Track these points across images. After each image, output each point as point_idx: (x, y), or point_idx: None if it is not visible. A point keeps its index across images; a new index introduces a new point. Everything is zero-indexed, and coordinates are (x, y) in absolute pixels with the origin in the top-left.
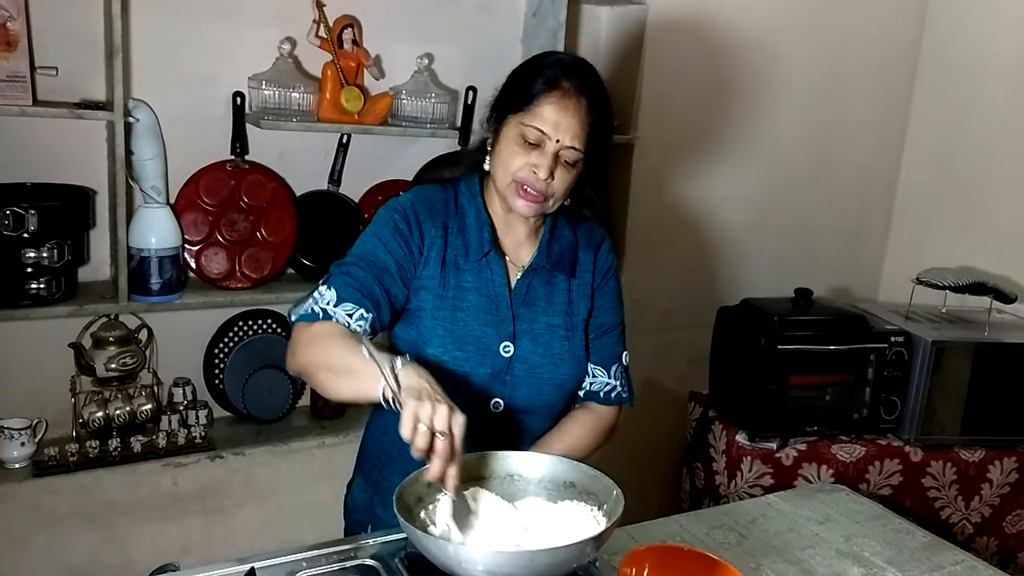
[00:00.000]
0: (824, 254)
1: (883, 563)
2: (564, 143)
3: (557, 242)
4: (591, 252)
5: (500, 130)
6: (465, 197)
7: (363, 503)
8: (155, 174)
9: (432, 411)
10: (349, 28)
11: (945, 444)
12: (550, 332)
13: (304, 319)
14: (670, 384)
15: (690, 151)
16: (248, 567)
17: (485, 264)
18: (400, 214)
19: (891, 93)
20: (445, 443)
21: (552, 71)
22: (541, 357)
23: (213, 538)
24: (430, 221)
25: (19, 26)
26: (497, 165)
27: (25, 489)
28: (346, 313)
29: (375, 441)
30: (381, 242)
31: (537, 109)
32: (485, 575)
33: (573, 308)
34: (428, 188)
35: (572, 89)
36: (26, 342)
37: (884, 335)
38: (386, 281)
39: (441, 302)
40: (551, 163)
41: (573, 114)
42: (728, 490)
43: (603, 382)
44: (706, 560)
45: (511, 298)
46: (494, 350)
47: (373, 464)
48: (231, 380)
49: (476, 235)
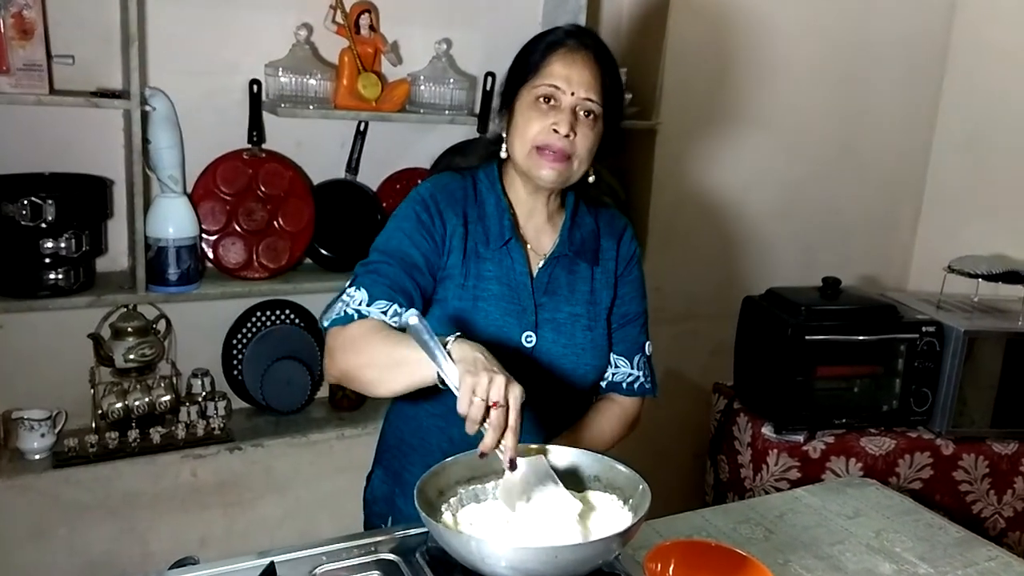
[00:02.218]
0: (852, 242)
1: (915, 559)
2: (579, 95)
3: (579, 229)
4: (614, 240)
5: (514, 108)
6: (484, 185)
7: (383, 494)
8: (172, 163)
9: (488, 382)
10: (366, 13)
11: (977, 437)
12: (572, 322)
13: (337, 323)
14: (693, 375)
15: (714, 137)
16: (268, 561)
17: (506, 252)
18: (421, 205)
19: (921, 77)
20: (500, 413)
21: (553, 35)
22: (564, 347)
23: (232, 530)
24: (450, 210)
25: (35, 14)
26: (515, 139)
27: (45, 480)
28: (380, 311)
29: (395, 431)
30: (406, 236)
31: (546, 69)
32: (508, 571)
33: (596, 297)
34: (446, 176)
35: (577, 45)
36: (45, 333)
37: (915, 325)
38: (415, 275)
39: (463, 291)
40: (571, 118)
41: (583, 65)
42: (753, 484)
43: (626, 372)
44: (733, 555)
45: (533, 287)
46: (516, 340)
47: (393, 455)
48: (249, 371)
49: (496, 223)
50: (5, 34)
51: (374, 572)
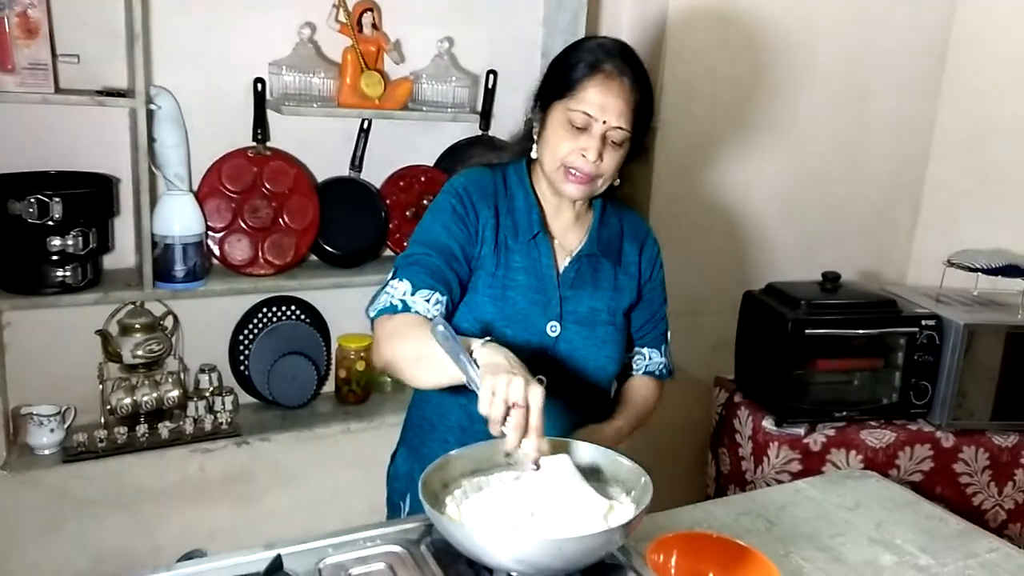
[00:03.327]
0: (851, 238)
1: (916, 550)
2: (611, 124)
3: (607, 229)
4: (636, 245)
5: (546, 117)
6: (513, 180)
7: (404, 471)
8: (178, 161)
9: (508, 383)
10: (369, 12)
11: (977, 429)
12: (594, 316)
13: (383, 312)
14: (695, 369)
15: (715, 136)
16: (275, 553)
17: (534, 245)
18: (456, 197)
19: (921, 75)
20: (519, 414)
21: (594, 55)
22: (585, 339)
23: (240, 524)
24: (483, 202)
25: (40, 13)
26: (545, 151)
27: (54, 475)
28: (424, 300)
29: (418, 410)
30: (443, 228)
31: (582, 93)
32: (512, 563)
33: (617, 295)
34: (478, 171)
35: (615, 70)
36: (53, 330)
37: (914, 319)
38: (454, 264)
39: (493, 280)
40: (599, 145)
41: (617, 94)
42: (755, 476)
43: (657, 361)
44: (734, 547)
45: (559, 280)
46: (541, 329)
47: (415, 433)
48: (256, 366)
49: (525, 217)
50: (10, 33)
51: (380, 564)
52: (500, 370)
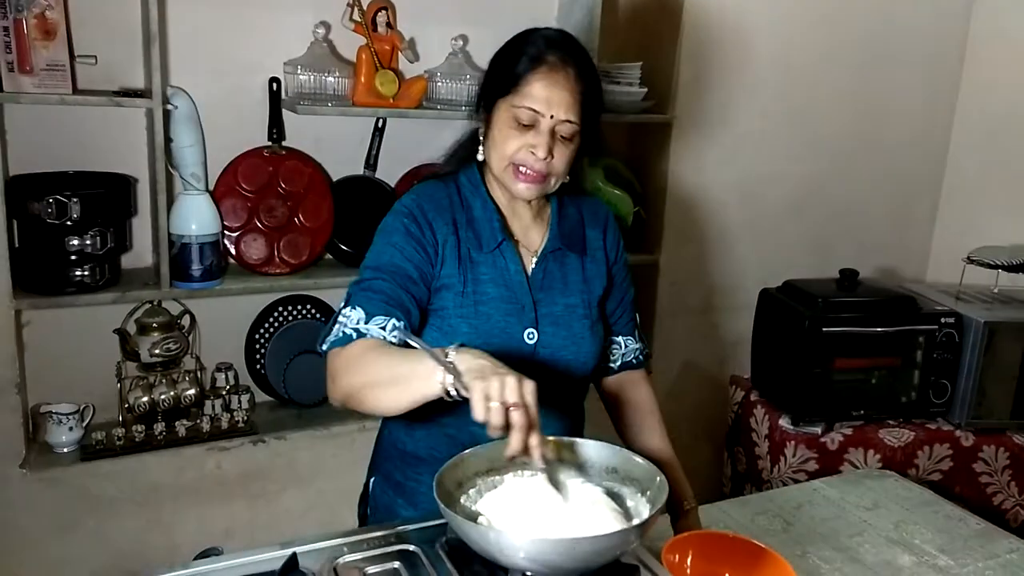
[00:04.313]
0: (870, 234)
1: (935, 551)
2: (559, 117)
3: (567, 221)
4: (599, 230)
5: (491, 117)
6: (468, 189)
7: (384, 504)
8: (194, 161)
9: (501, 385)
10: (383, 11)
11: (997, 428)
12: (569, 312)
13: (336, 344)
14: (710, 367)
15: (730, 130)
16: (290, 552)
17: (499, 253)
18: (408, 217)
19: (939, 68)
20: (521, 413)
21: (535, 47)
22: (564, 339)
23: (256, 522)
24: (440, 219)
25: (58, 15)
26: (492, 152)
27: (73, 473)
28: (379, 327)
29: (394, 441)
30: (396, 250)
31: (526, 88)
32: (527, 562)
33: (588, 286)
34: (429, 185)
35: (558, 61)
36: (72, 329)
37: (934, 316)
38: (410, 287)
39: (463, 299)
40: (548, 140)
41: (563, 86)
42: (771, 475)
43: (633, 348)
44: (751, 547)
45: (529, 284)
46: (518, 338)
47: (395, 465)
48: (272, 365)
49: (486, 226)
50: (28, 35)
51: (394, 563)
52: (487, 372)
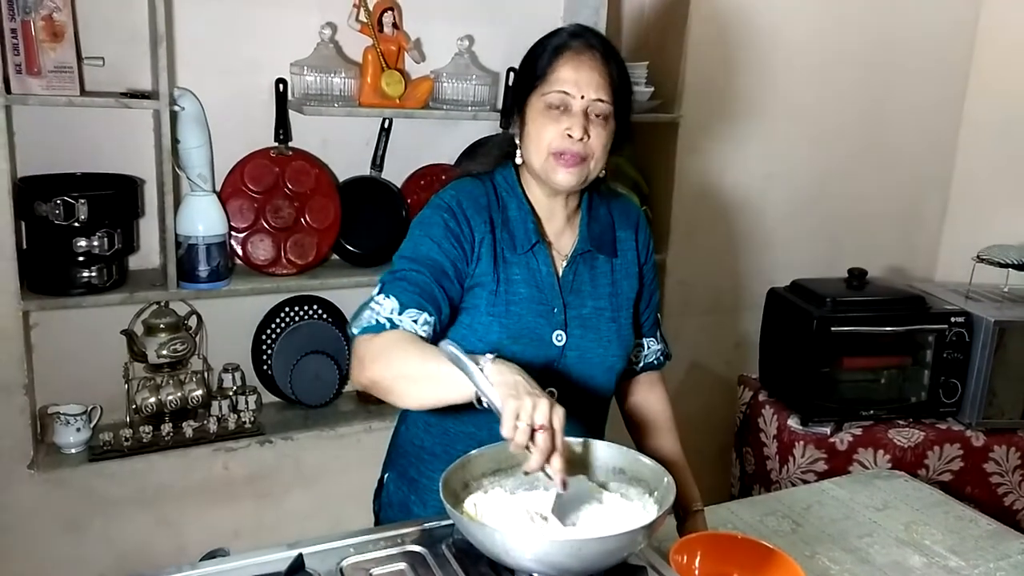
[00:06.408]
0: (878, 233)
1: (945, 551)
2: (589, 97)
3: (596, 223)
4: (631, 231)
5: (524, 116)
6: (504, 189)
7: (399, 500)
8: (201, 162)
9: (532, 407)
10: (389, 11)
11: (1008, 428)
12: (597, 315)
13: (368, 331)
14: (718, 367)
15: (737, 129)
16: (296, 553)
17: (532, 255)
18: (448, 212)
19: (948, 66)
20: (547, 437)
21: (558, 38)
22: (591, 342)
23: (263, 523)
24: (478, 216)
25: (65, 17)
26: (530, 146)
27: (81, 474)
28: (411, 319)
29: (412, 438)
30: (434, 243)
31: (553, 75)
32: (533, 563)
33: (617, 288)
34: (468, 182)
35: (582, 45)
36: (80, 329)
37: (943, 316)
38: (444, 282)
39: (496, 298)
40: (583, 121)
41: (590, 67)
42: (780, 476)
43: (655, 349)
44: (759, 548)
45: (560, 286)
46: (547, 340)
47: (410, 461)
48: (279, 366)
49: (521, 227)
50: (36, 36)
51: (401, 564)
52: (521, 390)
